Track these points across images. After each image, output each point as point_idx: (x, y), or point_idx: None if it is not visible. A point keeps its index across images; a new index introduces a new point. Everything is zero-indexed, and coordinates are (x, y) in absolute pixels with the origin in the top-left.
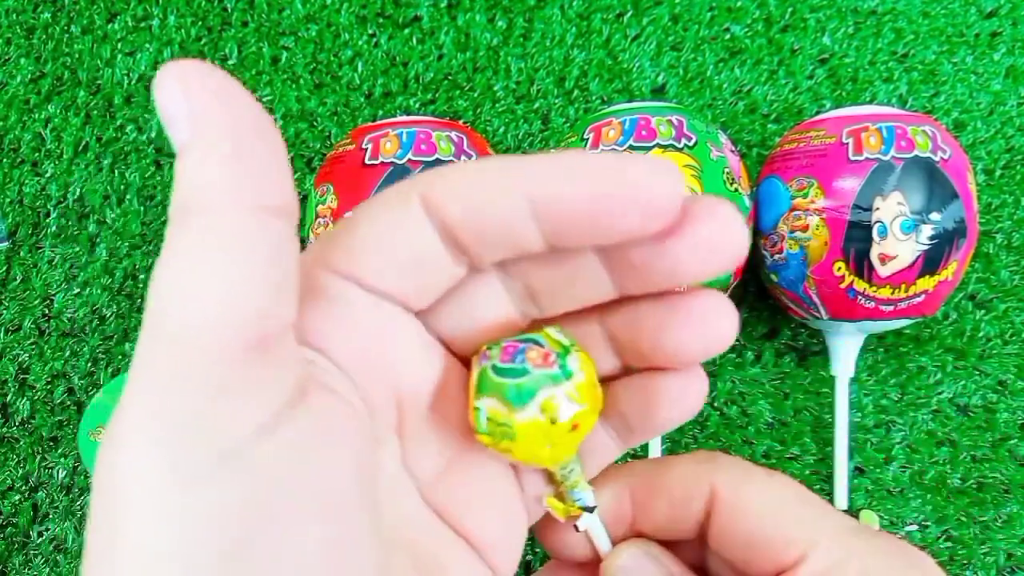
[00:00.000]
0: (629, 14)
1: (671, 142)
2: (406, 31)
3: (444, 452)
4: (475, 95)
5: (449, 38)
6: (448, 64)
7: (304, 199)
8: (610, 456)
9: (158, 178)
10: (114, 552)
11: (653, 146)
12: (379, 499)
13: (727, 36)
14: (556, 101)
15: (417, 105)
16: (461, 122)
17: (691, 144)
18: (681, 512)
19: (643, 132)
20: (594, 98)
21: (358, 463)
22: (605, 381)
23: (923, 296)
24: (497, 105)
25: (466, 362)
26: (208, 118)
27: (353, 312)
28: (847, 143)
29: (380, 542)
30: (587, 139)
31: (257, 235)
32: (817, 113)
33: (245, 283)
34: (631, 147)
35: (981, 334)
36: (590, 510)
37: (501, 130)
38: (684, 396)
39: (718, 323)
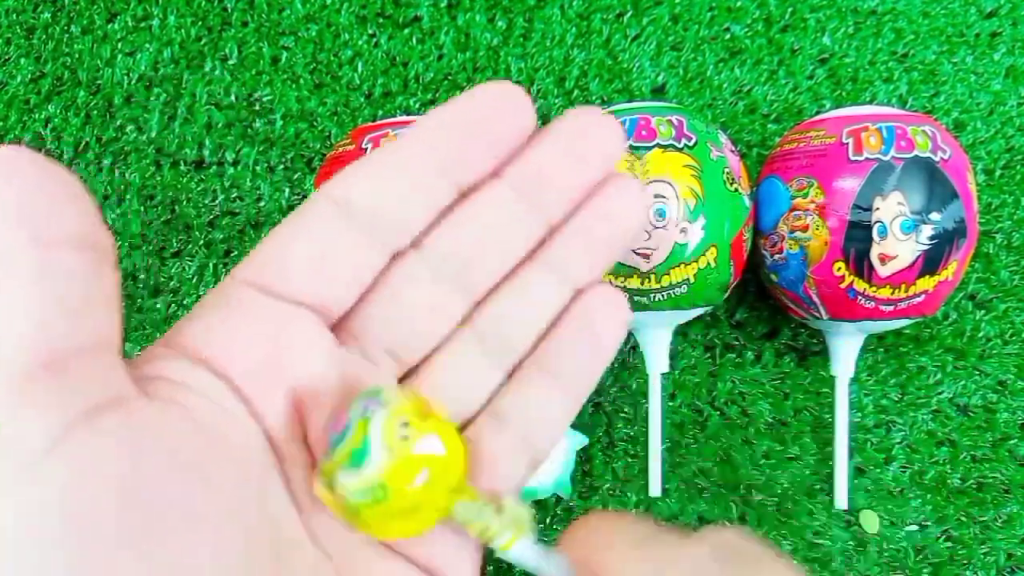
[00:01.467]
0: (629, 14)
1: (671, 142)
2: (406, 31)
3: None
4: None
5: (449, 38)
6: (448, 64)
7: (304, 199)
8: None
9: (158, 178)
10: None
11: (653, 146)
12: (270, 505)
13: (727, 36)
14: (556, 101)
15: (417, 105)
16: None
17: (691, 144)
18: None
19: (643, 132)
20: (594, 98)
21: (205, 473)
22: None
23: (923, 296)
24: None
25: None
26: None
27: (250, 320)
28: (847, 143)
29: (252, 553)
30: None
31: (41, 267)
32: (817, 113)
33: (25, 311)
34: (631, 147)
35: (981, 334)
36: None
37: None
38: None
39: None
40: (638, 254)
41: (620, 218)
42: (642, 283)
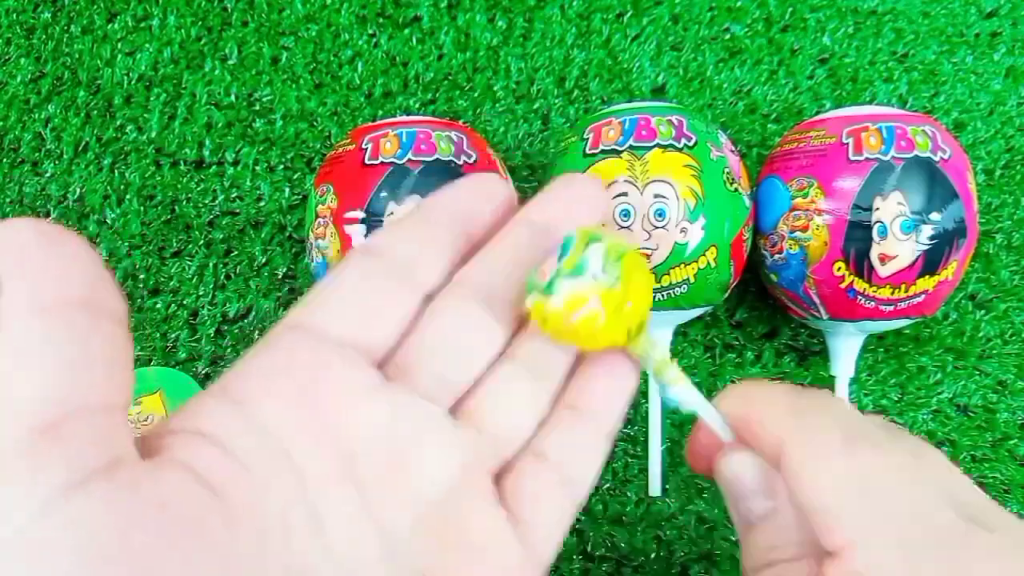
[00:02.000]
0: (629, 14)
1: (671, 142)
2: (406, 31)
3: (416, 499)
4: (475, 95)
5: (449, 38)
6: (448, 64)
7: (304, 199)
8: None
9: (158, 178)
10: None
11: (653, 146)
12: (286, 557)
13: (727, 36)
14: (556, 101)
15: (417, 105)
16: (461, 122)
17: (691, 144)
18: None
19: (643, 132)
20: (594, 98)
21: (202, 536)
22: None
23: (923, 296)
24: (497, 105)
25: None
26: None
27: (292, 360)
28: (847, 143)
29: None
30: (587, 139)
31: (38, 333)
32: (817, 113)
33: (17, 378)
34: (631, 147)
35: (981, 334)
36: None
37: (501, 130)
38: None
39: None
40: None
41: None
42: None
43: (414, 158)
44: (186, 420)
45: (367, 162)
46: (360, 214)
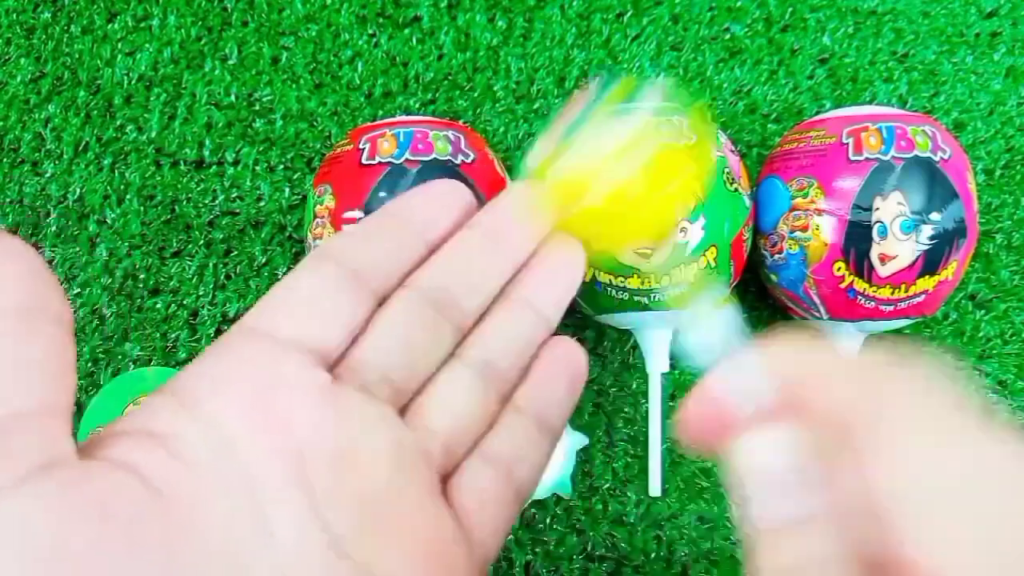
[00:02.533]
0: (629, 14)
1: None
2: (406, 31)
3: (362, 499)
4: (475, 95)
5: (449, 38)
6: (448, 64)
7: (304, 199)
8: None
9: (158, 178)
10: None
11: None
12: (230, 558)
13: (727, 36)
14: (556, 101)
15: (417, 105)
16: (461, 122)
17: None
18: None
19: None
20: None
21: (138, 537)
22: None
23: (923, 296)
24: (497, 105)
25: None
26: None
27: (243, 361)
28: (847, 143)
29: None
30: None
31: None
32: (817, 113)
33: None
34: None
35: (981, 334)
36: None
37: (501, 130)
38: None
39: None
40: (638, 254)
41: (566, 265)
42: (642, 283)
43: (411, 157)
44: (135, 421)
45: (364, 162)
46: (358, 214)
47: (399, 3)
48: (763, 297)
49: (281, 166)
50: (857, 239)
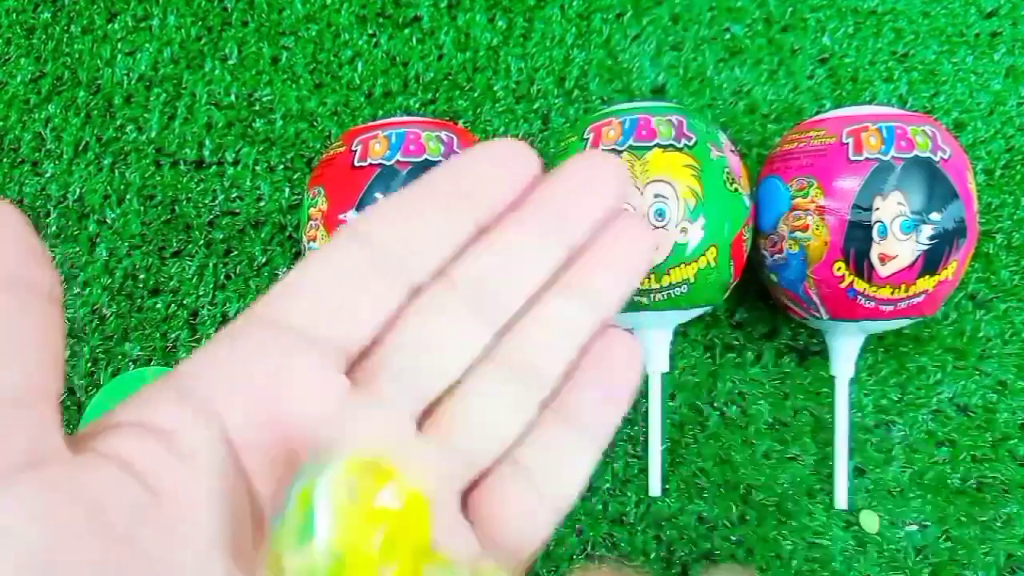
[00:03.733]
0: (629, 14)
1: (671, 142)
2: (406, 31)
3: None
4: (475, 95)
5: (449, 38)
6: (448, 64)
7: (301, 202)
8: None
9: (158, 178)
10: None
11: (653, 146)
12: (228, 562)
13: (727, 36)
14: (556, 101)
15: (417, 105)
16: (461, 122)
17: (691, 144)
18: None
19: (643, 132)
20: (594, 98)
21: (131, 536)
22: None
23: (923, 296)
24: (497, 105)
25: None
26: None
27: (253, 354)
28: (847, 143)
29: None
30: (587, 139)
31: None
32: (817, 113)
33: None
34: (631, 147)
35: (981, 334)
36: None
37: (501, 130)
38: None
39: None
40: None
41: (632, 248)
42: (642, 283)
43: (403, 159)
44: (131, 412)
45: (356, 164)
46: (352, 215)
47: (399, 3)
48: (763, 297)
49: (281, 166)
50: (857, 239)
